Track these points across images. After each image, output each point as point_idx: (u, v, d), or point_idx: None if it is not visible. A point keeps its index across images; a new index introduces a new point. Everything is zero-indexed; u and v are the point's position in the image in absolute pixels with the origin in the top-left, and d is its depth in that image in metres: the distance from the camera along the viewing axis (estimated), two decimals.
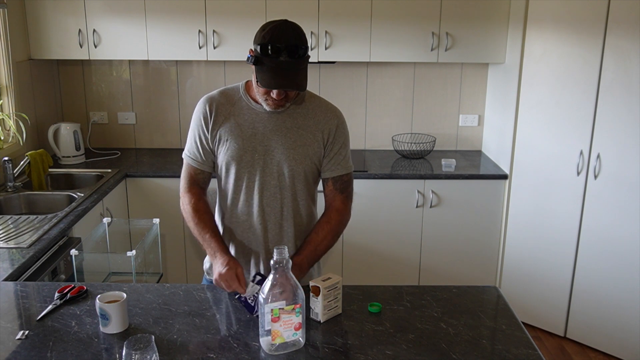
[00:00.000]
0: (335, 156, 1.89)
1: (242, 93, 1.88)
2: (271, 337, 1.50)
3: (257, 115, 1.84)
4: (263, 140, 1.83)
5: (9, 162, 3.00)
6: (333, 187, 1.91)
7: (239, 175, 1.85)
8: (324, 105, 1.90)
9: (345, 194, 1.92)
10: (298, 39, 1.67)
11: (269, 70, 1.67)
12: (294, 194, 1.87)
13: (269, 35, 1.65)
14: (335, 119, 1.89)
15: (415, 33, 3.48)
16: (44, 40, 3.48)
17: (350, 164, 1.94)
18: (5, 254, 2.22)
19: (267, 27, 1.68)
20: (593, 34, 2.99)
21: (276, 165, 1.83)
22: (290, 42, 1.65)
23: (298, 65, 1.68)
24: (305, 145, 1.84)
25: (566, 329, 3.39)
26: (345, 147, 1.91)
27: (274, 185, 1.85)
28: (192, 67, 3.89)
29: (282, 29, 1.67)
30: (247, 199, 1.87)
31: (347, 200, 1.92)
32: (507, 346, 1.58)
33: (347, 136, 1.93)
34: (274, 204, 1.86)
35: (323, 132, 1.86)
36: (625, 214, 3.02)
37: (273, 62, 1.66)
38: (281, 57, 1.65)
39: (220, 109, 1.85)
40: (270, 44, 1.65)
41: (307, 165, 1.85)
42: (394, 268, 3.60)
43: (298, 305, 1.49)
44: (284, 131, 1.83)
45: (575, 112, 3.13)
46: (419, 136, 3.97)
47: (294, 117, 1.85)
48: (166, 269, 3.56)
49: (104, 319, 1.59)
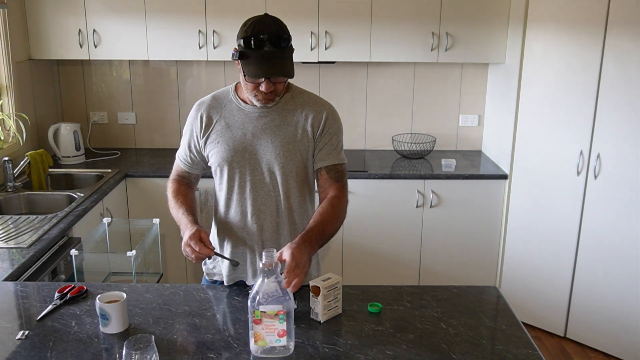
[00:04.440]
0: (326, 146, 1.86)
1: (232, 95, 1.90)
2: (254, 339, 1.49)
3: (246, 116, 1.85)
4: (253, 140, 1.84)
5: (9, 162, 3.00)
6: (327, 176, 1.87)
7: (231, 175, 1.87)
8: (312, 100, 1.90)
9: (341, 182, 1.89)
10: (280, 29, 1.71)
11: (254, 62, 1.69)
12: (287, 191, 1.87)
13: (250, 29, 1.69)
14: (324, 111, 1.87)
15: (415, 33, 3.48)
16: (44, 40, 3.48)
17: (343, 156, 1.91)
18: (5, 254, 2.22)
19: (248, 22, 1.72)
20: (593, 34, 2.99)
21: (267, 164, 1.84)
22: (272, 33, 1.69)
23: (282, 54, 1.71)
24: (295, 141, 1.84)
25: (566, 329, 3.38)
26: (337, 138, 1.88)
27: (267, 184, 1.86)
28: (192, 67, 3.89)
29: (263, 21, 1.70)
30: (240, 199, 1.88)
31: (343, 188, 1.89)
32: (507, 346, 1.58)
33: (339, 128, 1.90)
34: (268, 202, 1.87)
35: (313, 125, 1.85)
36: (625, 214, 3.02)
37: (258, 53, 1.68)
38: (265, 47, 1.68)
39: (211, 113, 1.88)
40: (253, 36, 1.68)
41: (299, 161, 1.85)
42: (394, 268, 3.60)
43: (282, 312, 1.46)
44: (273, 129, 1.84)
45: (575, 112, 3.13)
46: (419, 136, 3.97)
47: (282, 115, 1.85)
48: (166, 269, 3.56)
49: (104, 319, 1.59)
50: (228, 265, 1.92)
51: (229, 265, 1.91)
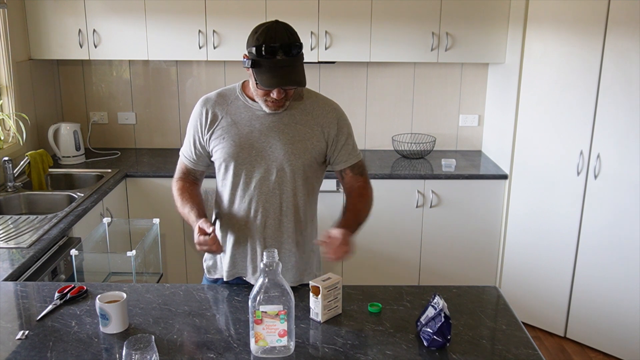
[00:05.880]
0: (344, 146, 1.92)
1: (239, 92, 1.90)
2: (254, 340, 1.50)
3: (253, 114, 1.86)
4: (260, 137, 1.84)
5: (9, 162, 3.00)
6: (352, 174, 1.95)
7: (237, 172, 1.87)
8: (321, 101, 1.92)
9: (364, 176, 1.98)
10: (291, 37, 1.70)
11: (267, 71, 1.69)
12: (294, 188, 1.88)
13: (262, 37, 1.68)
14: (334, 112, 1.91)
15: (415, 33, 3.48)
16: (44, 40, 3.48)
17: (359, 152, 1.99)
18: (5, 254, 2.22)
19: (259, 29, 1.71)
20: (593, 34, 2.99)
21: (275, 161, 1.84)
22: (284, 41, 1.68)
23: (295, 62, 1.70)
24: (303, 139, 1.85)
25: (566, 329, 3.39)
26: (351, 137, 1.95)
27: (272, 181, 1.86)
28: (192, 67, 3.89)
29: (275, 29, 1.69)
30: (245, 196, 1.88)
31: (367, 179, 1.99)
32: (507, 346, 1.58)
33: (350, 127, 1.96)
34: (272, 199, 1.87)
35: (323, 126, 1.88)
36: (625, 214, 3.02)
37: (270, 62, 1.68)
38: (277, 56, 1.67)
39: (217, 109, 1.88)
40: (264, 44, 1.67)
41: (307, 159, 1.87)
42: (394, 268, 3.60)
43: (283, 312, 1.46)
44: (281, 127, 1.85)
45: (575, 112, 3.13)
46: (419, 136, 3.97)
47: (291, 114, 1.86)
48: (166, 269, 3.56)
49: (104, 319, 1.59)
50: (228, 261, 1.93)
51: (229, 261, 1.92)
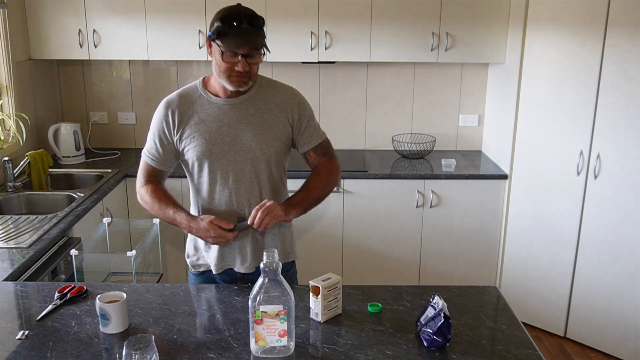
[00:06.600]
0: (306, 129, 1.97)
1: (201, 90, 1.92)
2: (254, 340, 1.50)
3: (219, 109, 1.89)
4: (230, 131, 1.88)
5: (9, 162, 3.00)
6: (315, 155, 2.00)
7: (212, 168, 1.90)
8: (280, 88, 1.97)
9: (328, 155, 2.02)
10: (254, 13, 1.79)
11: (234, 37, 1.75)
12: (270, 176, 1.93)
13: (228, 12, 1.77)
14: (295, 98, 1.97)
15: (415, 33, 3.48)
16: (44, 40, 3.48)
17: (322, 132, 2.03)
18: (5, 254, 2.22)
19: (222, 9, 1.79)
20: (593, 34, 2.99)
21: (248, 152, 1.88)
22: (248, 13, 1.77)
23: (259, 32, 1.79)
24: (272, 127, 1.90)
25: (566, 329, 3.38)
26: (313, 119, 2.00)
27: (248, 172, 1.90)
28: (192, 67, 3.89)
29: (238, 7, 1.79)
30: (224, 190, 1.91)
31: (331, 159, 2.03)
32: (507, 346, 1.58)
33: (311, 109, 2.01)
34: (252, 189, 1.91)
35: (286, 112, 1.93)
36: (625, 214, 3.02)
37: (236, 30, 1.75)
38: (243, 25, 1.75)
39: (182, 110, 1.91)
40: (230, 14, 1.76)
41: (278, 146, 1.92)
42: (394, 268, 3.60)
43: (283, 312, 1.46)
44: (248, 119, 1.89)
45: (575, 112, 3.13)
46: (419, 136, 3.97)
47: (255, 104, 1.91)
48: (166, 269, 3.56)
49: (104, 319, 1.59)
50: (216, 254, 1.95)
51: (217, 254, 1.95)
